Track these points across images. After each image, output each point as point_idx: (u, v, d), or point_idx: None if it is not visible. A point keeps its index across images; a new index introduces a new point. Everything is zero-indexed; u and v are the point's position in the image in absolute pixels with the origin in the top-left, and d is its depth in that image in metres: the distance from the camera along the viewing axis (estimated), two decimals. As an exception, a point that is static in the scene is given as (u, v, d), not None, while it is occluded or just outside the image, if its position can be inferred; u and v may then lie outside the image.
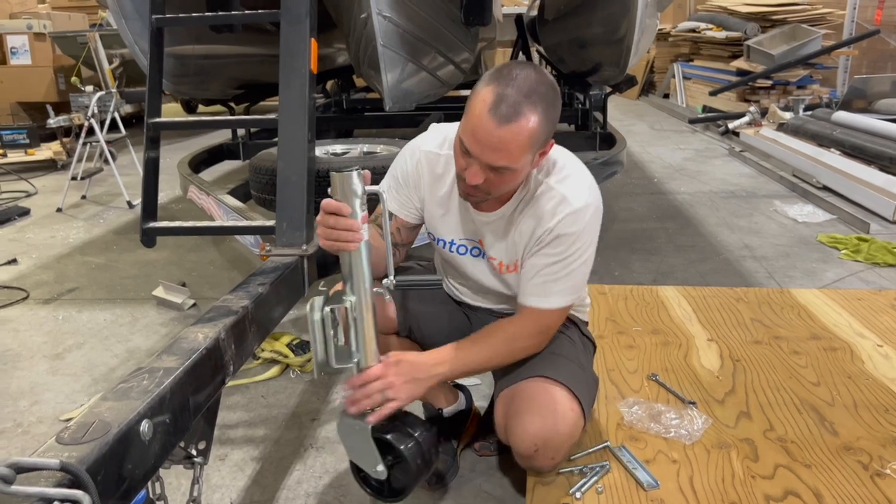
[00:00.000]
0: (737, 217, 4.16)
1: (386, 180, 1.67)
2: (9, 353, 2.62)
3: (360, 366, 1.41)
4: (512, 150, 1.32)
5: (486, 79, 1.35)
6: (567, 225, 1.46)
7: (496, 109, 1.30)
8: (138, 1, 3.10)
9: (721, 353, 2.32)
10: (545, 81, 1.35)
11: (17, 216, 4.51)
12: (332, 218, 1.31)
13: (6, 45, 6.95)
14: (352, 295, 1.38)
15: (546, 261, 1.49)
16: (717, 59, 8.30)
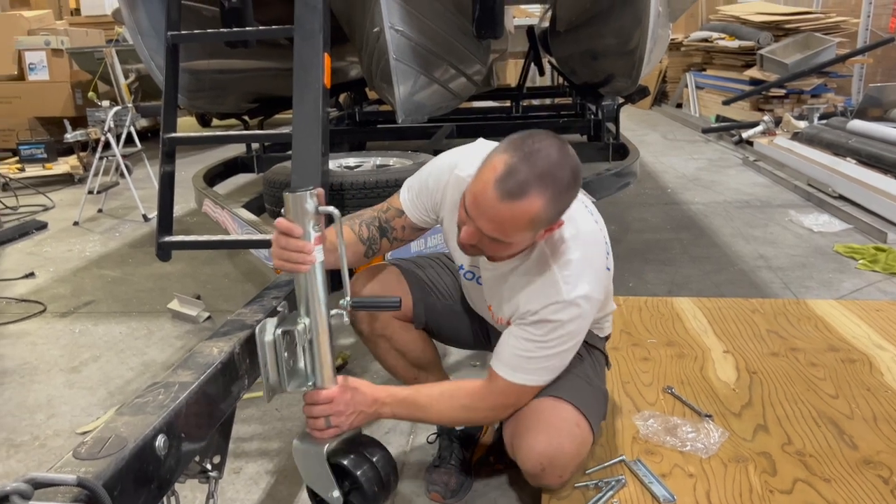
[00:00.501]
0: (751, 227, 4.14)
1: (412, 181, 1.64)
2: (26, 367, 2.64)
3: (317, 387, 1.41)
4: (507, 228, 1.30)
5: (508, 143, 1.31)
6: (552, 312, 1.41)
7: (503, 182, 1.26)
8: (154, 17, 3.14)
9: (737, 365, 2.30)
10: (566, 164, 1.29)
11: (35, 230, 4.57)
12: (284, 238, 1.30)
13: (25, 62, 7.06)
14: (306, 317, 1.36)
15: (525, 336, 1.44)
16: (729, 68, 8.28)
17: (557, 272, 1.42)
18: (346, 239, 1.55)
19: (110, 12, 8.44)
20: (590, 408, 1.55)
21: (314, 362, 1.39)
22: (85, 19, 9.51)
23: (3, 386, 2.50)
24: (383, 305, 1.55)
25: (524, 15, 9.82)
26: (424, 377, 1.85)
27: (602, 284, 1.49)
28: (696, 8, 9.83)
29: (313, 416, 1.41)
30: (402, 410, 1.51)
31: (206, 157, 5.65)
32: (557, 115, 6.48)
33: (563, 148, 1.31)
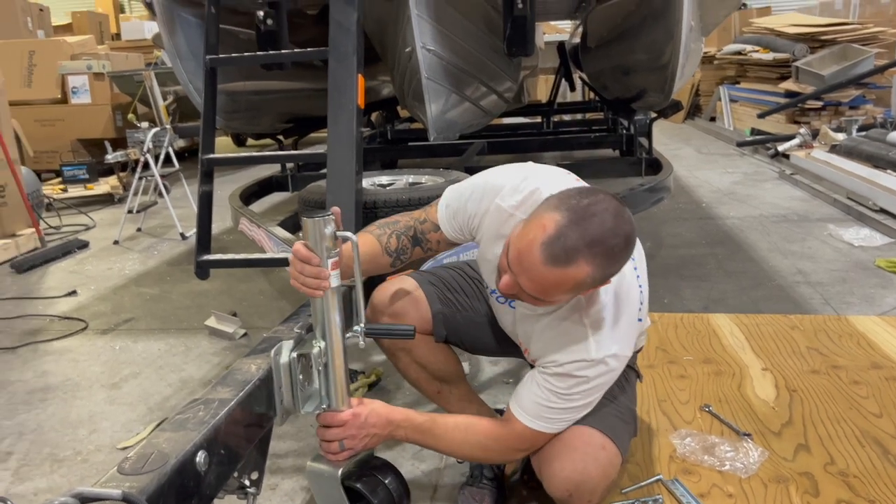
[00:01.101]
0: (789, 242, 4.07)
1: (451, 197, 1.59)
2: (69, 383, 2.71)
3: (330, 410, 1.42)
4: (549, 291, 1.27)
5: (561, 200, 1.25)
6: (577, 369, 1.39)
7: (550, 246, 1.21)
8: (192, 41, 3.22)
9: (776, 383, 2.26)
10: (620, 231, 1.24)
11: (77, 249, 4.68)
12: (300, 264, 1.33)
13: (68, 85, 7.27)
14: (321, 340, 1.38)
15: (547, 386, 1.41)
16: (764, 80, 8.19)
17: (589, 329, 1.39)
18: (371, 252, 1.54)
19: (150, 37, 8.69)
20: (615, 428, 1.51)
21: (328, 385, 1.40)
22: (125, 44, 9.78)
23: (47, 402, 2.56)
24: (396, 333, 1.56)
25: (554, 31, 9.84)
26: (447, 390, 1.84)
27: (633, 340, 1.46)
28: (729, 21, 9.75)
29: (327, 439, 1.43)
30: (416, 436, 1.51)
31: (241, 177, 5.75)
32: (589, 130, 6.48)
33: (618, 212, 1.25)
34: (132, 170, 5.30)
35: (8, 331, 3.29)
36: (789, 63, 7.58)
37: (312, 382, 1.41)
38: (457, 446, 1.52)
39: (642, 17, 3.55)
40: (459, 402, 1.86)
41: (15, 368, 2.86)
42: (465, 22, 3.31)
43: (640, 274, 1.49)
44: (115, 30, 11.19)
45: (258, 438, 1.37)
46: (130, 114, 6.09)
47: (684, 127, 10.06)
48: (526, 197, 1.46)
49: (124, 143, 5.34)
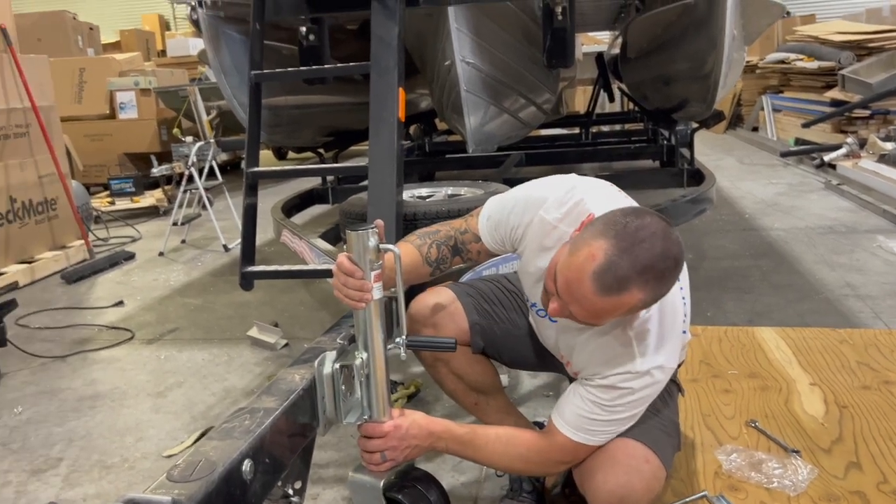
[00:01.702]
0: (836, 254, 3.97)
1: (493, 208, 1.59)
2: (116, 391, 2.77)
3: (372, 421, 1.43)
4: (600, 316, 1.27)
5: (608, 225, 1.24)
6: (622, 381, 1.38)
7: (601, 277, 1.20)
8: (236, 57, 3.30)
9: (825, 398, 2.20)
10: (669, 255, 1.23)
11: (124, 260, 4.80)
12: (343, 277, 1.34)
13: (116, 101, 7.49)
14: (363, 352, 1.39)
15: (591, 398, 1.40)
16: (808, 89, 8.03)
17: (634, 341, 1.37)
18: (412, 262, 1.55)
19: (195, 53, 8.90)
20: (658, 441, 1.49)
21: (370, 396, 1.41)
22: (171, 60, 10.05)
23: (96, 409, 2.62)
24: (438, 346, 1.55)
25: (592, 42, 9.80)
26: (484, 401, 1.83)
27: (678, 352, 1.44)
28: (772, 29, 9.60)
29: (368, 450, 1.43)
30: (456, 447, 1.51)
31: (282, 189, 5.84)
32: (628, 140, 6.43)
33: (666, 234, 1.23)
34: (177, 183, 5.42)
35: (59, 340, 3.39)
36: (835, 71, 7.42)
37: (354, 393, 1.42)
38: (497, 458, 1.51)
39: (684, 26, 3.52)
40: (497, 413, 1.85)
41: (65, 376, 2.94)
42: (504, 34, 3.33)
43: (683, 286, 1.47)
44: (161, 47, 11.49)
45: (302, 448, 1.39)
46: (175, 128, 6.24)
47: (726, 137, 9.92)
48: (570, 209, 1.45)
49: (169, 156, 5.47)
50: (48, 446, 2.36)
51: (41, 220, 4.63)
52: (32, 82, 4.53)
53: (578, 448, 1.44)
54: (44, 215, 4.66)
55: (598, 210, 1.39)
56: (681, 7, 3.50)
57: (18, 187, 4.45)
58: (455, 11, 2.90)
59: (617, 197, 1.50)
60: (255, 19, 2.24)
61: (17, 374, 2.99)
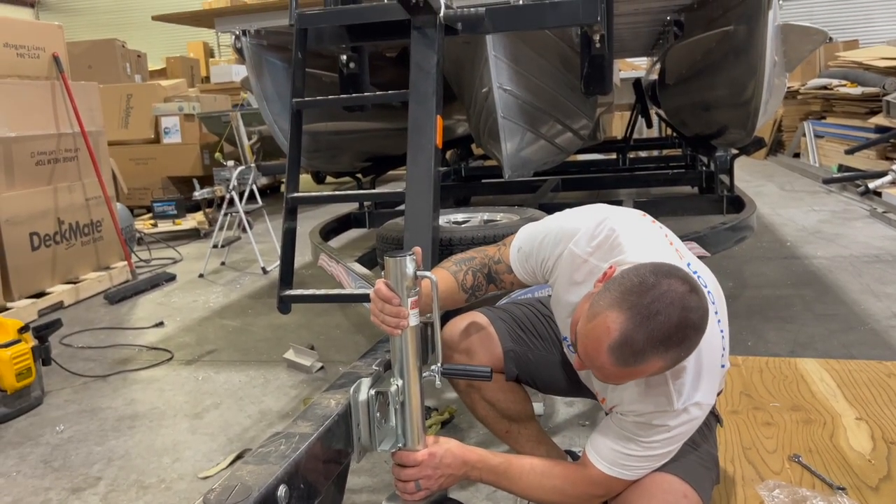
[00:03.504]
0: (883, 284, 3.86)
1: (524, 239, 1.59)
2: (155, 412, 2.81)
3: (406, 449, 1.42)
4: (622, 381, 1.29)
5: (623, 295, 1.20)
6: (658, 418, 1.36)
7: (617, 350, 1.19)
8: (278, 84, 3.37)
9: (872, 433, 2.13)
10: (688, 323, 1.19)
11: (165, 282, 4.90)
12: (380, 303, 1.35)
13: (160, 126, 7.70)
14: (399, 378, 1.39)
15: (626, 434, 1.40)
16: (852, 115, 7.88)
17: (670, 380, 1.34)
18: (448, 288, 1.56)
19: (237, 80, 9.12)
20: (696, 475, 1.45)
21: (405, 424, 1.41)
22: (214, 86, 10.30)
23: (135, 429, 2.66)
24: (473, 375, 1.53)
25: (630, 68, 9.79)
26: (516, 429, 1.82)
27: (716, 387, 1.42)
28: (814, 55, 9.47)
29: (402, 478, 1.43)
30: (490, 477, 1.50)
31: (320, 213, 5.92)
32: (666, 166, 6.38)
33: (685, 302, 1.19)
34: (217, 206, 5.53)
35: (100, 359, 3.46)
36: (879, 97, 7.27)
37: (389, 420, 1.42)
38: (532, 490, 1.49)
39: (724, 52, 3.50)
40: (528, 442, 1.83)
41: (106, 396, 3.00)
42: (541, 61, 3.35)
43: (721, 318, 1.44)
44: (206, 73, 11.80)
45: (336, 474, 1.39)
46: (217, 153, 6.38)
47: (766, 163, 9.77)
48: (601, 241, 1.44)
49: (211, 180, 5.58)
50: (88, 465, 2.40)
51: (87, 242, 4.76)
52: (82, 108, 4.68)
53: (613, 482, 1.42)
54: (89, 237, 4.79)
55: (628, 250, 1.38)
56: (720, 34, 3.48)
57: (66, 209, 4.58)
58: (493, 39, 2.93)
59: (650, 230, 1.48)
60: (297, 48, 2.29)
61: (60, 392, 3.05)
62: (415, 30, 2.15)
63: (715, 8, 3.60)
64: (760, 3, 2.92)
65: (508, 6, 2.30)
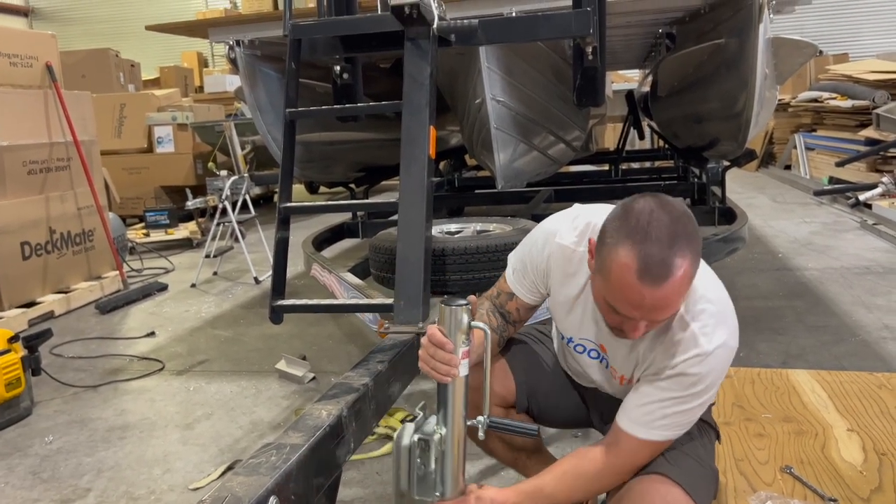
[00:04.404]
0: (873, 295, 3.88)
1: (515, 259, 1.64)
2: (146, 422, 2.79)
3: (443, 498, 1.39)
4: (674, 303, 1.28)
5: (619, 234, 1.26)
6: (691, 365, 1.37)
7: (647, 273, 1.22)
8: (272, 95, 3.38)
9: (864, 445, 2.14)
10: (677, 214, 1.27)
11: (157, 291, 4.88)
12: (433, 348, 1.33)
13: (154, 135, 7.69)
14: (443, 427, 1.37)
15: (660, 395, 1.41)
16: (842, 128, 7.94)
17: (693, 324, 1.38)
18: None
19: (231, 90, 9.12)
20: (698, 489, 1.45)
21: (444, 472, 1.38)
22: (207, 96, 10.30)
23: (125, 440, 2.64)
24: (522, 432, 1.52)
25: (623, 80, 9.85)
26: (523, 461, 1.82)
27: (737, 329, 1.44)
28: (805, 68, 9.55)
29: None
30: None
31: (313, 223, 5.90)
32: (658, 178, 6.41)
33: (662, 204, 1.27)
34: (210, 216, 5.51)
35: (91, 369, 3.43)
36: (869, 110, 7.33)
37: (429, 467, 1.39)
38: (574, 491, 1.47)
39: (715, 65, 3.52)
40: (536, 467, 1.82)
41: (96, 406, 2.98)
42: (534, 73, 3.36)
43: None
44: (199, 83, 11.80)
45: (327, 486, 1.38)
46: (211, 162, 6.38)
47: (758, 175, 9.83)
48: (583, 231, 1.51)
49: (204, 190, 5.58)
50: (77, 476, 2.38)
51: (78, 251, 4.74)
52: (75, 117, 4.68)
53: (651, 447, 1.44)
54: (81, 246, 4.77)
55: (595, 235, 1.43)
56: (712, 46, 3.51)
57: (58, 219, 4.56)
58: (486, 51, 2.95)
59: None
60: (291, 58, 2.29)
61: (50, 402, 3.03)
62: (408, 41, 2.16)
63: (706, 21, 3.63)
64: (751, 17, 2.95)
65: (501, 18, 2.32)
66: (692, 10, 3.72)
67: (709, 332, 1.37)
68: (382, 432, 2.50)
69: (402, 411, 2.61)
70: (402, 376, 1.86)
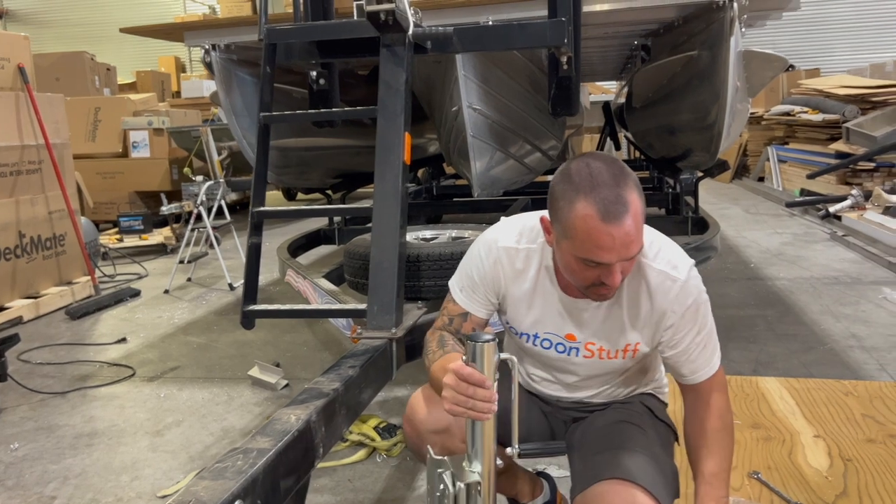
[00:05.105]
0: (842, 305, 3.95)
1: (459, 279, 1.64)
2: (114, 429, 2.75)
3: None
4: (638, 235, 1.35)
5: (569, 194, 1.34)
6: (684, 298, 1.48)
7: (608, 215, 1.30)
8: (247, 100, 3.36)
9: (830, 451, 2.17)
10: (611, 161, 1.38)
11: (129, 297, 4.82)
12: (472, 388, 1.28)
13: (129, 140, 7.61)
14: (477, 464, 1.33)
15: (690, 338, 1.51)
16: (813, 141, 8.09)
17: (658, 265, 1.48)
18: None
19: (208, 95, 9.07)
20: (660, 489, 1.46)
21: None
22: (184, 101, 10.23)
23: (93, 447, 2.60)
24: (550, 451, 1.56)
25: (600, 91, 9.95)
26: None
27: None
28: (777, 82, 9.72)
29: None
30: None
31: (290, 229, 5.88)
32: (634, 188, 6.46)
33: (593, 156, 1.39)
34: (185, 221, 5.47)
35: (59, 376, 3.38)
36: (839, 124, 7.48)
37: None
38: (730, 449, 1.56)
39: (688, 77, 3.58)
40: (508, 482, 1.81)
41: (64, 413, 2.93)
42: (510, 82, 3.39)
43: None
44: (177, 88, 11.72)
45: (295, 491, 1.37)
46: (186, 167, 6.32)
47: (732, 187, 9.96)
48: (520, 231, 1.58)
49: (179, 195, 5.53)
50: (43, 484, 2.34)
51: (49, 256, 4.67)
52: (47, 120, 4.62)
53: (720, 374, 1.58)
54: (52, 251, 4.70)
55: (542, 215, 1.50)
56: (685, 58, 3.56)
57: (28, 223, 4.49)
58: (463, 59, 2.97)
59: None
60: (266, 63, 2.29)
61: (17, 409, 2.98)
62: (384, 47, 2.17)
63: (680, 34, 3.68)
64: (723, 30, 3.00)
65: (477, 26, 2.33)
66: (666, 23, 3.77)
67: (673, 264, 1.49)
68: (355, 439, 2.49)
69: (375, 418, 2.59)
70: (373, 382, 1.86)
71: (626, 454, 1.50)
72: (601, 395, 1.67)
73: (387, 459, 2.40)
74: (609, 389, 1.67)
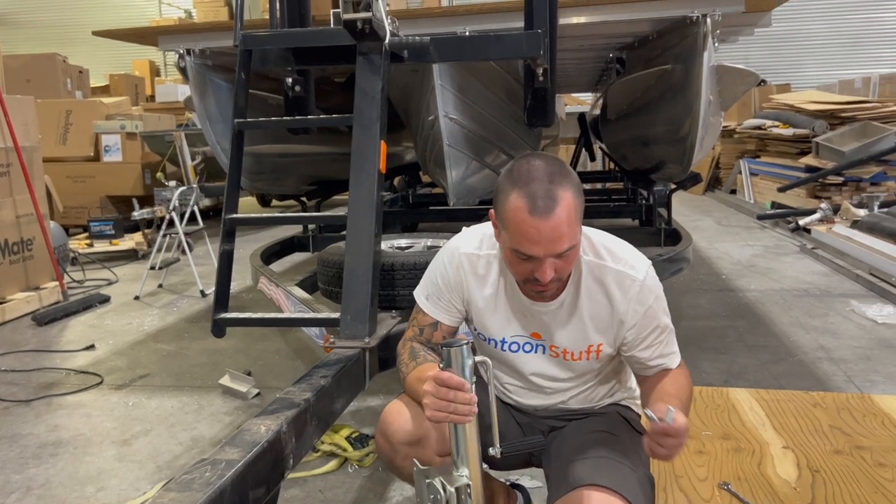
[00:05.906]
0: (811, 317, 4.01)
1: (425, 287, 1.67)
2: (80, 438, 2.70)
3: None
4: (567, 231, 1.37)
5: (506, 187, 1.40)
6: (645, 297, 1.53)
7: (535, 208, 1.34)
8: (222, 105, 3.33)
9: (798, 462, 2.19)
10: (552, 160, 1.43)
11: (99, 303, 4.73)
12: (452, 393, 1.30)
13: (101, 144, 7.50)
14: (464, 468, 1.34)
15: (653, 336, 1.58)
16: (784, 155, 8.23)
17: (614, 265, 1.52)
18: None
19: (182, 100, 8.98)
20: (635, 493, 1.47)
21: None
22: (159, 105, 10.12)
23: (57, 457, 2.55)
24: (531, 445, 1.57)
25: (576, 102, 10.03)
26: None
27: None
28: (749, 97, 9.89)
29: None
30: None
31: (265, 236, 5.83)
32: (608, 199, 6.53)
33: (536, 155, 1.44)
34: (157, 227, 5.39)
35: (24, 383, 3.31)
36: (809, 139, 7.63)
37: None
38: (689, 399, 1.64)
39: (662, 90, 3.62)
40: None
41: (28, 421, 2.86)
42: (486, 92, 3.40)
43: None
44: (151, 92, 11.59)
45: (265, 501, 1.35)
46: (159, 172, 6.24)
47: (705, 199, 10.09)
48: (480, 238, 1.63)
49: (152, 200, 5.45)
50: (4, 495, 2.28)
51: (15, 261, 4.58)
52: (17, 122, 4.53)
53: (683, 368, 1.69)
54: (19, 255, 4.61)
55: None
56: (659, 72, 3.60)
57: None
58: (440, 68, 2.97)
59: None
60: (241, 69, 2.27)
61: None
62: (360, 56, 2.17)
63: (654, 47, 3.73)
64: (696, 45, 3.04)
65: (454, 37, 2.35)
66: (641, 37, 3.82)
67: (629, 263, 1.53)
68: (327, 449, 2.46)
69: (347, 428, 2.57)
70: (346, 392, 1.84)
71: (604, 462, 1.51)
72: (577, 400, 1.69)
73: (359, 470, 2.38)
74: (584, 392, 1.68)
